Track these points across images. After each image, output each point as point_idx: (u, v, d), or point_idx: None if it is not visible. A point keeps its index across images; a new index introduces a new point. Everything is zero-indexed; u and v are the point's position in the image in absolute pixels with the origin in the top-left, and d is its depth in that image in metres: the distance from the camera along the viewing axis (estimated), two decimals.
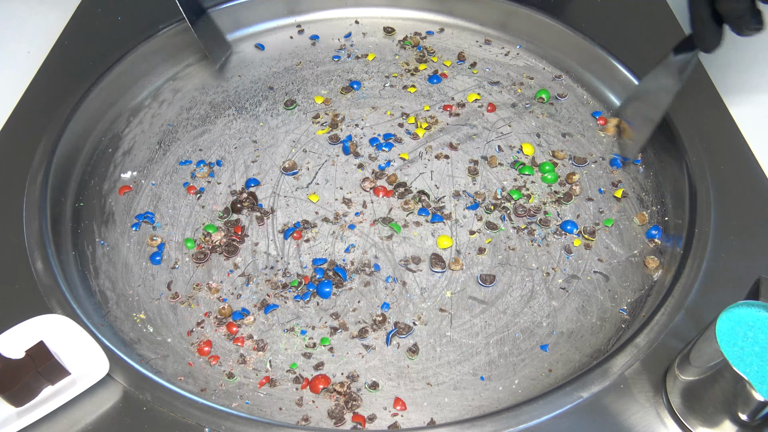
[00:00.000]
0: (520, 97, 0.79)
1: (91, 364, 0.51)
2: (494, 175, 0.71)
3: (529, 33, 0.84)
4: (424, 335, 0.58)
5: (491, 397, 0.54)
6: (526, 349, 0.57)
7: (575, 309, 0.60)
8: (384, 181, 0.70)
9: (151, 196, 0.69)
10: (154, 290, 0.61)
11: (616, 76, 0.77)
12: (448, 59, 0.83)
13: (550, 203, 0.68)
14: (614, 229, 0.66)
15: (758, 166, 0.67)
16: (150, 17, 0.82)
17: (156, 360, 0.56)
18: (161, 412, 0.50)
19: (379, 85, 0.80)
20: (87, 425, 0.49)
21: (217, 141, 0.74)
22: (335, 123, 0.75)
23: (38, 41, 0.81)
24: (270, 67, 0.82)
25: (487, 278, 0.62)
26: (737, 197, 0.64)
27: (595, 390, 0.51)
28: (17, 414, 0.49)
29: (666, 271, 0.61)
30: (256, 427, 0.49)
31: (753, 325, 0.44)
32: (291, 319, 0.59)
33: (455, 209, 0.68)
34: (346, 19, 0.88)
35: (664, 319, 0.55)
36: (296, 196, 0.69)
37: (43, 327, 0.52)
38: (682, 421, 0.49)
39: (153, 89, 0.79)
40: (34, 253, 0.59)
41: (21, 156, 0.67)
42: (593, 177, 0.71)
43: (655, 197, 0.68)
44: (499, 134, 0.75)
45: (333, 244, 0.65)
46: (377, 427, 0.52)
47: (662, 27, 0.83)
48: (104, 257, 0.63)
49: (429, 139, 0.74)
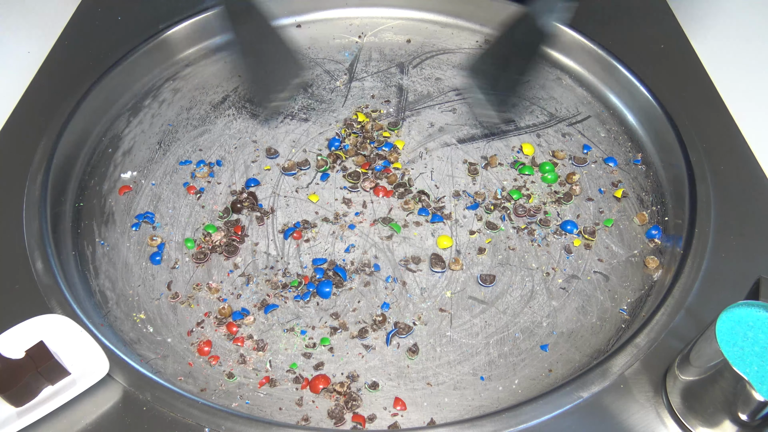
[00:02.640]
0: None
1: (91, 364, 0.51)
2: (494, 175, 0.71)
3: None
4: (424, 335, 0.58)
5: (491, 397, 0.54)
6: (526, 349, 0.57)
7: (575, 309, 0.60)
8: (384, 181, 0.70)
9: (151, 196, 0.69)
10: (154, 290, 0.61)
11: (616, 76, 0.77)
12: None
13: (550, 203, 0.68)
14: (614, 229, 0.66)
15: (758, 166, 0.67)
16: (150, 17, 0.82)
17: (156, 360, 0.56)
18: (161, 412, 0.50)
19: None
20: (87, 425, 0.49)
21: (217, 141, 0.74)
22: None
23: (38, 41, 0.81)
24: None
25: (487, 278, 0.62)
26: (737, 197, 0.64)
27: (595, 390, 0.51)
28: (17, 414, 0.49)
29: (666, 271, 0.61)
30: (256, 427, 0.49)
31: (753, 325, 0.44)
32: (291, 319, 0.59)
33: (455, 209, 0.68)
34: (346, 19, 0.88)
35: (664, 319, 0.55)
36: (296, 196, 0.69)
37: (43, 327, 0.52)
38: (682, 421, 0.49)
39: (153, 89, 0.79)
40: (34, 253, 0.59)
41: (21, 156, 0.67)
42: (593, 177, 0.71)
43: (655, 197, 0.68)
44: (500, 133, 0.75)
45: (333, 244, 0.65)
46: (377, 427, 0.52)
47: (662, 27, 0.83)
48: (104, 257, 0.63)
49: (429, 139, 0.74)
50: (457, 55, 0.84)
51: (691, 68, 0.78)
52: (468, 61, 0.77)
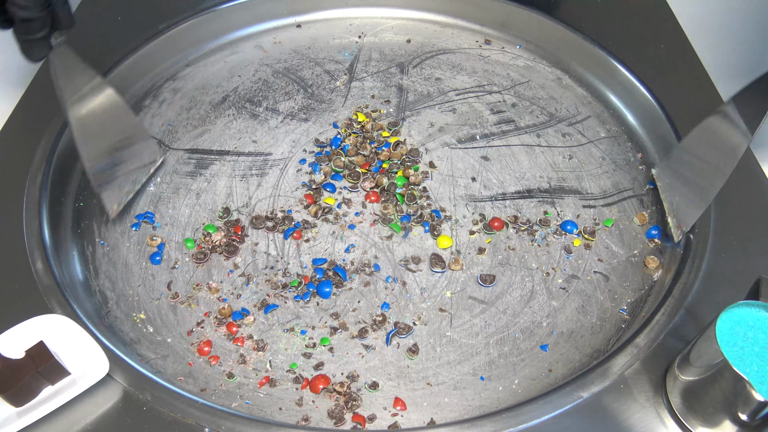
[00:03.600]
0: (520, 97, 0.79)
1: (91, 364, 0.51)
2: (494, 174, 0.71)
3: (529, 33, 0.84)
4: (424, 335, 0.58)
5: (491, 397, 0.54)
6: (526, 349, 0.57)
7: (575, 309, 0.60)
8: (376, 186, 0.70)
9: (151, 196, 0.69)
10: (154, 290, 0.61)
11: (616, 76, 0.77)
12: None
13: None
14: (614, 229, 0.66)
15: (758, 166, 0.67)
16: (150, 17, 0.82)
17: (156, 360, 0.56)
18: (161, 412, 0.50)
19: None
20: (87, 425, 0.49)
21: (217, 141, 0.74)
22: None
23: None
24: (270, 67, 0.82)
25: (487, 278, 0.62)
26: (737, 197, 0.64)
27: (595, 390, 0.51)
28: (17, 414, 0.49)
29: (666, 271, 0.61)
30: (256, 427, 0.49)
31: (753, 325, 0.44)
32: (291, 319, 0.59)
33: (455, 209, 0.67)
34: (346, 19, 0.88)
35: (664, 319, 0.55)
36: (296, 196, 0.69)
37: (43, 327, 0.52)
38: (682, 421, 0.49)
39: (153, 89, 0.79)
40: (34, 253, 0.59)
41: (21, 156, 0.67)
42: (593, 177, 0.71)
43: (655, 197, 0.68)
44: (500, 133, 0.75)
45: (333, 244, 0.65)
46: (377, 427, 0.52)
47: (662, 27, 0.83)
48: (104, 257, 0.63)
49: (428, 139, 0.74)
50: (457, 55, 0.84)
51: (691, 68, 0.78)
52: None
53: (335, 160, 0.70)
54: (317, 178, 0.70)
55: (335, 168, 0.70)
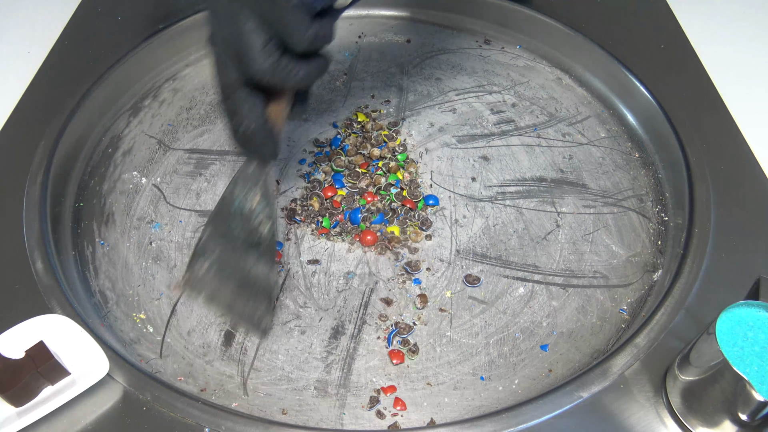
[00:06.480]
0: (520, 97, 0.79)
1: (91, 364, 0.51)
2: (494, 174, 0.71)
3: (529, 33, 0.84)
4: (424, 335, 0.58)
5: (491, 397, 0.54)
6: (526, 349, 0.57)
7: (575, 309, 0.60)
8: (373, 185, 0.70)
9: (151, 196, 0.69)
10: (154, 290, 0.61)
11: (616, 76, 0.77)
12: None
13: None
14: (614, 229, 0.66)
15: (758, 166, 0.67)
16: (150, 17, 0.82)
17: (156, 360, 0.56)
18: (161, 412, 0.50)
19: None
20: (87, 425, 0.49)
21: (217, 141, 0.74)
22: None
23: (38, 41, 0.81)
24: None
25: (474, 279, 0.61)
26: (737, 197, 0.64)
27: (595, 390, 0.51)
28: (17, 414, 0.49)
29: (666, 271, 0.61)
30: (256, 427, 0.49)
31: (753, 325, 0.44)
32: (291, 319, 0.59)
33: (455, 209, 0.67)
34: (346, 19, 0.88)
35: (664, 319, 0.55)
36: (296, 196, 0.69)
37: (43, 327, 0.52)
38: (682, 421, 0.49)
39: (153, 89, 0.79)
40: (34, 253, 0.59)
41: (21, 156, 0.67)
42: (593, 177, 0.71)
43: (655, 197, 0.68)
44: (500, 133, 0.75)
45: (333, 244, 0.64)
46: (377, 427, 0.52)
47: (662, 27, 0.83)
48: (104, 257, 0.63)
49: (428, 139, 0.74)
50: (457, 55, 0.84)
51: (691, 68, 0.78)
52: None
53: (335, 160, 0.70)
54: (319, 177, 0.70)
55: (336, 168, 0.70)
